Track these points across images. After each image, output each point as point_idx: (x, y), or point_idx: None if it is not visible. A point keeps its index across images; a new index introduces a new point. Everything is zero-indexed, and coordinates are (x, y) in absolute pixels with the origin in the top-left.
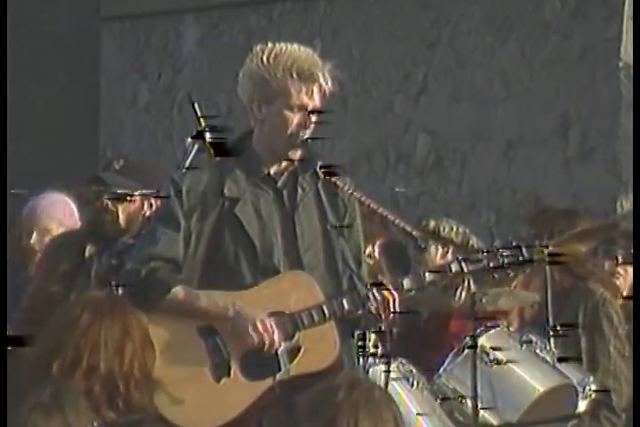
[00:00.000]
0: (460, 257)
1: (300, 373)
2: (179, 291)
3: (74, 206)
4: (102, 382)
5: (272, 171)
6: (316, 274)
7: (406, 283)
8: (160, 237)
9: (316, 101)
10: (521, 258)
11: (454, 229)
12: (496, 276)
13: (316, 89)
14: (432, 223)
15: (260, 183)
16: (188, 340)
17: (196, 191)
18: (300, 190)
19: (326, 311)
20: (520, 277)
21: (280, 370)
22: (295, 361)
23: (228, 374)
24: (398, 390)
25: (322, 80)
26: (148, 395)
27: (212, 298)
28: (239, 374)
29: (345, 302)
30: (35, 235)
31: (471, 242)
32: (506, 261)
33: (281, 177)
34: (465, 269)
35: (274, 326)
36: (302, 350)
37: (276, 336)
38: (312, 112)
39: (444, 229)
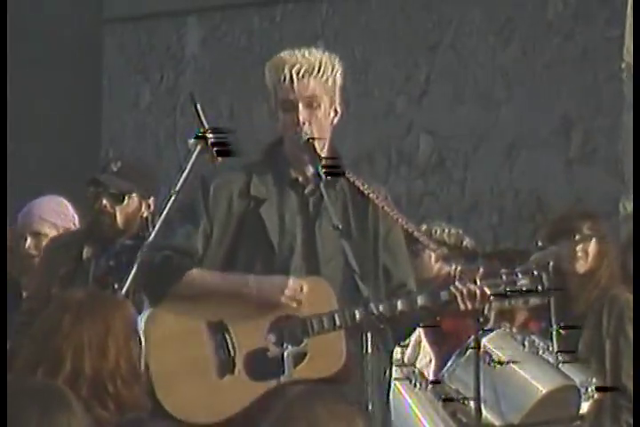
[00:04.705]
0: (479, 280)
1: (303, 378)
2: (194, 273)
3: (71, 208)
4: (89, 385)
5: (300, 177)
6: (333, 285)
7: (420, 300)
8: (178, 229)
9: (302, 94)
10: (540, 287)
11: (446, 231)
12: (512, 302)
13: (290, 83)
14: (423, 227)
15: (287, 187)
16: (197, 335)
17: (223, 190)
18: (326, 199)
19: (337, 320)
20: None
21: (284, 373)
22: (299, 366)
23: (232, 372)
24: (400, 390)
25: (291, 73)
26: (137, 390)
27: (229, 277)
28: (243, 372)
29: (357, 313)
30: (29, 239)
31: (465, 242)
32: (524, 287)
33: (308, 184)
34: (489, 293)
35: (302, 288)
36: (308, 357)
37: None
38: (310, 103)
39: (435, 232)
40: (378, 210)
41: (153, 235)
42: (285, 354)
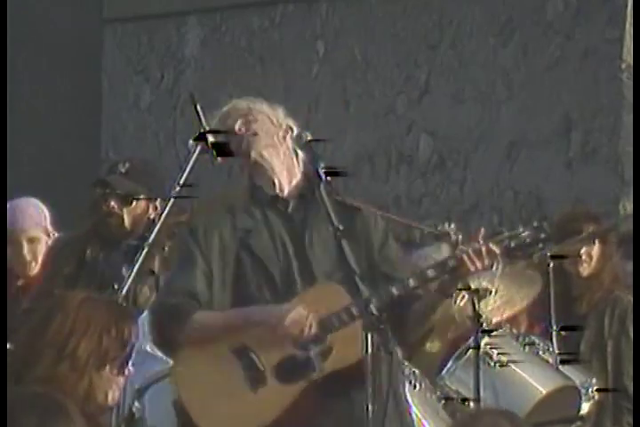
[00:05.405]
0: (482, 239)
1: (333, 369)
2: (197, 316)
3: (44, 208)
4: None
5: (282, 195)
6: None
7: (430, 272)
8: (180, 277)
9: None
10: (543, 235)
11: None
12: (518, 254)
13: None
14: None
15: (270, 211)
16: (225, 362)
17: (212, 231)
18: (310, 212)
19: (354, 312)
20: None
21: (314, 371)
22: (328, 361)
23: (265, 384)
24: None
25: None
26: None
27: (231, 314)
28: (275, 381)
29: (373, 301)
30: (25, 245)
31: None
32: (528, 239)
33: (290, 202)
34: (494, 248)
35: (308, 314)
36: (334, 350)
37: (311, 321)
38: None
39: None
40: (368, 221)
41: (161, 282)
42: (312, 354)
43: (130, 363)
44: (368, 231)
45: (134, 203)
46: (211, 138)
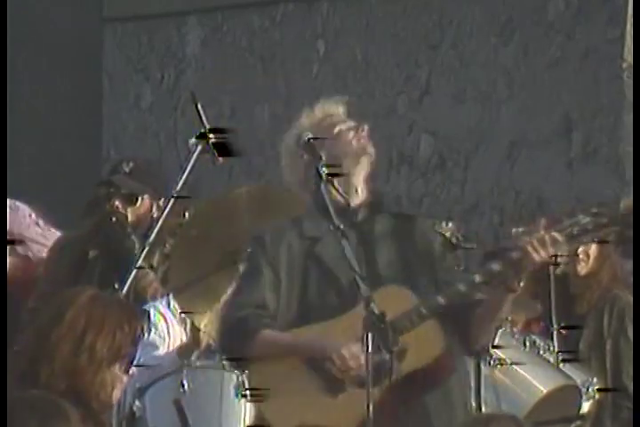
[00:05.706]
0: (544, 230)
1: (410, 370)
2: (265, 334)
3: (33, 213)
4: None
5: (355, 203)
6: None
7: (495, 266)
8: (250, 286)
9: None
10: (605, 220)
11: None
12: (581, 242)
13: None
14: None
15: (337, 221)
16: (298, 373)
17: (280, 241)
18: (377, 225)
19: (424, 311)
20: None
21: (392, 373)
22: (404, 362)
23: (344, 390)
24: None
25: None
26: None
27: (298, 335)
28: (354, 387)
29: (439, 298)
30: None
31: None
32: (589, 226)
33: (360, 210)
34: (557, 236)
35: (353, 355)
36: (409, 352)
37: (356, 362)
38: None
39: None
40: (427, 231)
41: (233, 290)
42: (387, 357)
43: (134, 362)
44: (428, 240)
45: (138, 202)
46: (211, 137)
